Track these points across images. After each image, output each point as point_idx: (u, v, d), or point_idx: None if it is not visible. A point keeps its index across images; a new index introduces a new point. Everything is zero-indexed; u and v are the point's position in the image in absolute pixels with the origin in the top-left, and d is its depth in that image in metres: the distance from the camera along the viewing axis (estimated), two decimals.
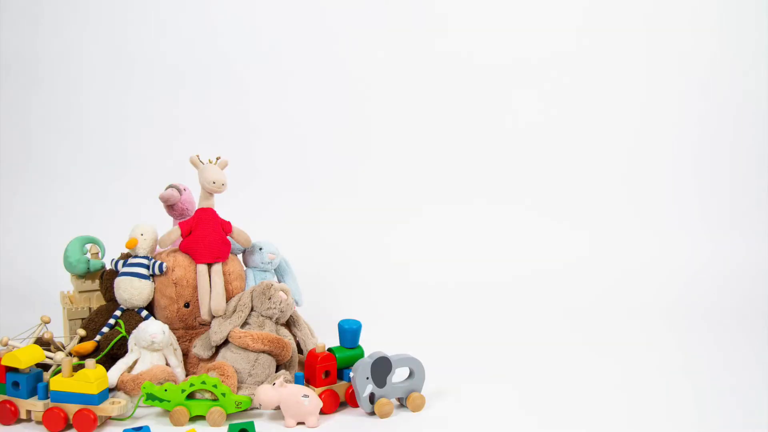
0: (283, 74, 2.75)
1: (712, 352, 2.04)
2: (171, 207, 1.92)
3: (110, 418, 1.59)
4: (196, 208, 1.84)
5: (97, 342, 1.75)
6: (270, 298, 1.74)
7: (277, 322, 1.77)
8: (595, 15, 2.75)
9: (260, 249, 1.91)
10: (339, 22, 2.74)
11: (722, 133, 2.76)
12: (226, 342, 1.74)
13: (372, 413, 1.64)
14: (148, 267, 1.79)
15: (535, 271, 2.56)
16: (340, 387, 1.68)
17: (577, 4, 2.75)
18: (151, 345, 1.68)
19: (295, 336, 1.82)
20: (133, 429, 1.49)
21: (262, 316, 1.75)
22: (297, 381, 1.64)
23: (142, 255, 1.81)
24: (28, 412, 1.57)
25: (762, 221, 2.72)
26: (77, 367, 1.63)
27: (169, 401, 1.59)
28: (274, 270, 1.95)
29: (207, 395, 1.60)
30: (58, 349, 1.80)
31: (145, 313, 1.80)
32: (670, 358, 1.99)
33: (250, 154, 2.66)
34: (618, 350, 2.04)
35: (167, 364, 1.71)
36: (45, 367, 1.72)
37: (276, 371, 1.75)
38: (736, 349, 2.06)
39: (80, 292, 1.88)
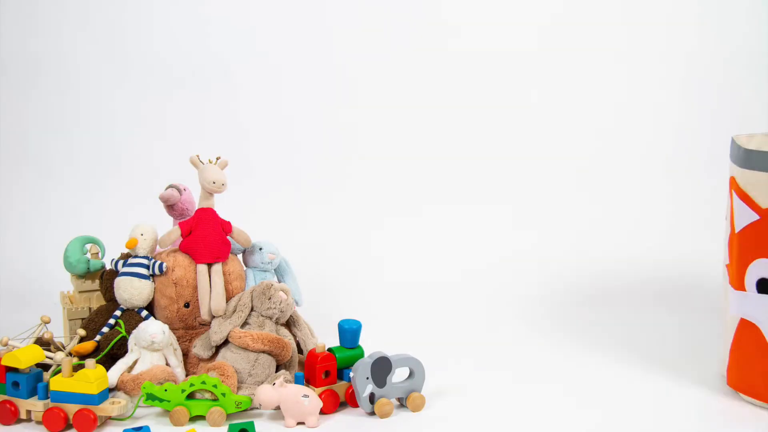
0: (279, 73, 2.75)
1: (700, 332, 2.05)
2: (171, 207, 1.92)
3: (110, 418, 1.59)
4: (196, 208, 1.84)
5: (97, 342, 1.75)
6: (270, 298, 1.74)
7: (277, 322, 1.78)
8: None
9: (260, 249, 1.91)
10: (330, 18, 2.74)
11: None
12: (226, 342, 1.74)
13: (372, 413, 1.64)
14: (148, 267, 1.79)
15: (536, 271, 2.56)
16: (340, 387, 1.68)
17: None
18: (151, 345, 1.68)
19: (295, 336, 1.82)
20: (133, 429, 1.49)
21: (262, 316, 1.75)
22: (297, 381, 1.64)
23: (142, 255, 1.81)
24: (28, 412, 1.57)
25: None
26: (77, 367, 1.63)
27: (169, 401, 1.59)
28: (274, 270, 1.95)
29: (207, 395, 1.60)
30: (58, 349, 1.80)
31: (145, 313, 1.80)
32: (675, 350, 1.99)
33: (250, 153, 2.66)
34: (619, 348, 2.04)
35: (167, 364, 1.71)
36: (45, 367, 1.72)
37: (276, 371, 1.75)
38: None
39: (80, 292, 1.88)
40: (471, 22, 2.74)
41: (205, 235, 1.79)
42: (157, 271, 1.78)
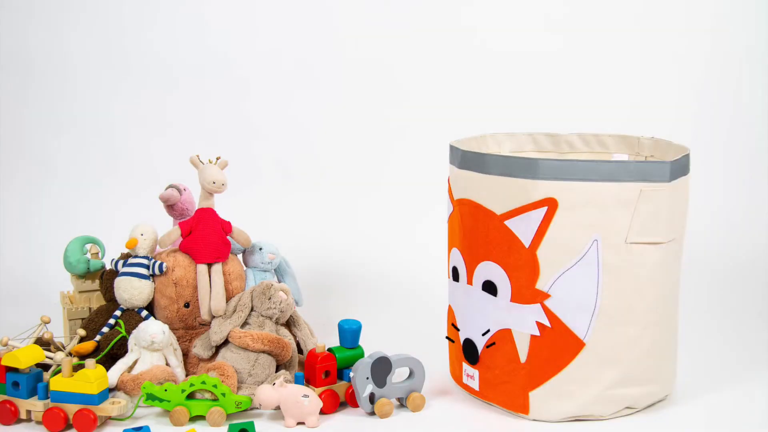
0: (282, 72, 2.74)
1: None
2: (171, 207, 1.92)
3: (110, 418, 1.59)
4: (196, 208, 1.84)
5: (97, 342, 1.75)
6: (270, 298, 1.74)
7: (277, 322, 1.78)
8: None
9: (260, 249, 1.91)
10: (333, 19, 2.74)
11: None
12: (226, 342, 1.74)
13: (372, 413, 1.64)
14: (148, 267, 1.79)
15: None
16: (340, 387, 1.68)
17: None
18: (151, 345, 1.68)
19: (295, 336, 1.82)
20: (133, 429, 1.49)
21: (262, 316, 1.75)
22: (297, 381, 1.64)
23: (142, 255, 1.81)
24: (28, 412, 1.57)
25: None
26: (77, 367, 1.63)
27: (169, 401, 1.59)
28: (274, 270, 1.95)
29: (207, 395, 1.60)
30: (58, 349, 1.80)
31: (145, 313, 1.80)
32: None
33: (250, 153, 2.66)
34: None
35: (167, 364, 1.71)
36: (45, 367, 1.72)
37: (276, 371, 1.75)
38: None
39: (80, 292, 1.89)
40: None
41: (205, 235, 1.79)
42: (157, 271, 1.78)
